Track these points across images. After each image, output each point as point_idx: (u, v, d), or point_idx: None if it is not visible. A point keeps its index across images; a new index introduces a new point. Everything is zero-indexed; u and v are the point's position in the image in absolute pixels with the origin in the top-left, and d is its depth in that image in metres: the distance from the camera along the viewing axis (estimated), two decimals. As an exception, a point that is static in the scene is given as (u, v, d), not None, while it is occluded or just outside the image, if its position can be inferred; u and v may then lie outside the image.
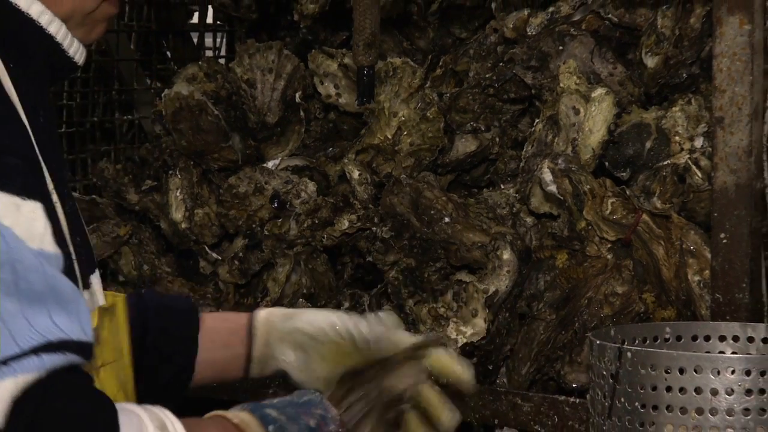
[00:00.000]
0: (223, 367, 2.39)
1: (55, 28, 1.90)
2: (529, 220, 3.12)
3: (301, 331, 2.38)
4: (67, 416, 1.75)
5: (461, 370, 2.30)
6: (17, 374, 1.67)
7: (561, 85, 3.13)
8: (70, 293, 1.75)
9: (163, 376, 2.38)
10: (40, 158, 1.86)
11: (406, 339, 2.33)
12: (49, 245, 1.81)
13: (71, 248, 1.88)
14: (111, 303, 2.11)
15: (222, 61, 4.13)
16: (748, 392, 2.38)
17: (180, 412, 2.15)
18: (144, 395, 2.36)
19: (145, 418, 1.86)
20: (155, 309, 2.38)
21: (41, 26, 1.88)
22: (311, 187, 3.30)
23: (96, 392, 1.83)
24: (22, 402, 1.68)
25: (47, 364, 1.69)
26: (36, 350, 1.69)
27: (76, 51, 1.94)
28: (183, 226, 3.34)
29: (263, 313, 2.38)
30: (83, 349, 1.74)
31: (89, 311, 1.79)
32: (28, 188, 1.78)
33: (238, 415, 2.02)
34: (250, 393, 3.01)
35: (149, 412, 1.88)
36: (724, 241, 2.72)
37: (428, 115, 3.27)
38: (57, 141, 2.03)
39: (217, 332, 2.38)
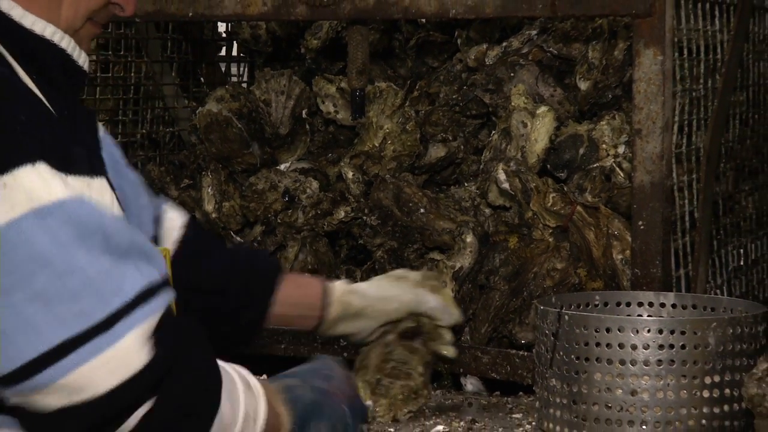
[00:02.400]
0: (297, 325, 2.38)
1: (66, 43, 1.85)
2: (487, 211, 3.11)
3: (372, 309, 2.40)
4: (187, 353, 1.70)
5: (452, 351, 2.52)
6: (137, 324, 1.62)
7: (512, 104, 3.12)
8: (148, 246, 1.71)
9: (237, 323, 2.35)
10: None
11: None
12: (117, 210, 1.79)
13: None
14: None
15: (244, 85, 4.11)
16: (661, 347, 2.37)
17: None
18: (217, 334, 2.32)
19: (233, 373, 1.79)
20: (245, 261, 2.35)
21: (54, 43, 1.83)
22: (315, 184, 3.29)
23: (199, 335, 1.75)
24: (156, 343, 1.64)
25: (155, 308, 1.65)
26: (138, 298, 1.64)
27: (83, 60, 1.89)
28: (213, 215, 3.32)
29: (335, 296, 2.38)
30: (165, 287, 1.70)
31: (162, 258, 1.75)
32: (95, 169, 1.75)
33: (259, 382, 1.93)
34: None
35: (233, 369, 1.81)
36: (642, 227, 2.72)
37: (407, 128, 3.26)
38: (96, 138, 1.97)
39: (297, 302, 2.36)
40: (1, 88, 1.67)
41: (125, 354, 1.60)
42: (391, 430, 2.51)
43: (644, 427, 2.37)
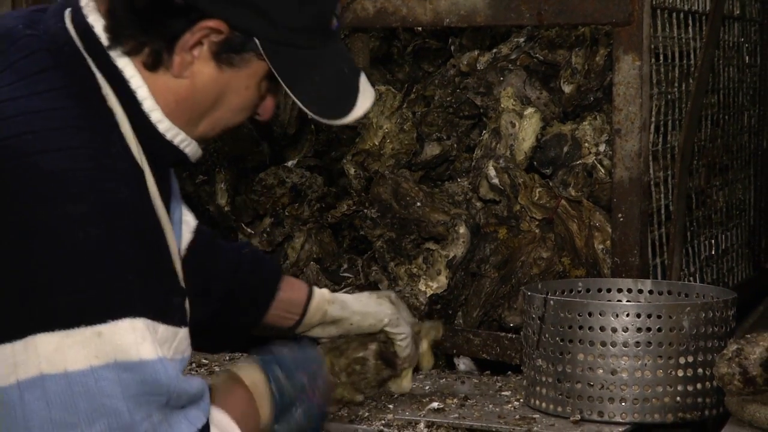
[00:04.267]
0: (276, 324, 2.33)
1: (191, 150, 1.75)
2: (478, 204, 3.10)
3: (348, 322, 2.34)
4: None
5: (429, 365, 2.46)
6: None
7: (502, 105, 3.11)
8: (199, 390, 1.65)
9: (236, 324, 2.30)
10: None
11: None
12: (188, 351, 1.70)
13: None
14: None
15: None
16: (639, 330, 2.37)
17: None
18: (216, 334, 2.29)
19: None
20: (250, 266, 2.27)
21: (182, 150, 1.74)
22: (320, 180, 3.28)
23: None
24: None
25: None
26: None
27: (195, 155, 1.79)
28: (226, 209, 3.31)
29: (316, 302, 2.31)
30: (205, 429, 1.65)
31: (207, 392, 1.68)
32: (184, 320, 1.66)
33: (250, 374, 1.90)
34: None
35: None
36: (621, 219, 2.71)
37: (405, 128, 3.25)
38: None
39: (282, 301, 2.31)
40: (128, 221, 1.55)
41: None
42: (390, 406, 2.50)
43: (623, 403, 2.37)
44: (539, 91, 3.20)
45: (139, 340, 1.54)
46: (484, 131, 3.19)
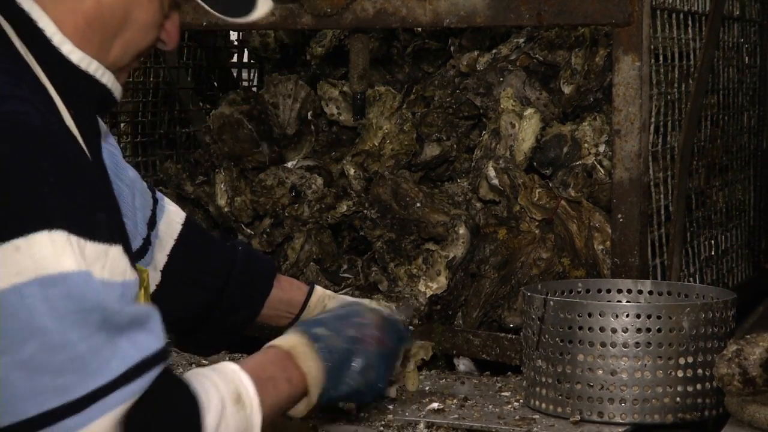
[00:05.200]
0: (272, 323, 2.31)
1: (107, 79, 1.78)
2: (478, 205, 3.10)
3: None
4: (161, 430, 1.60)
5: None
6: (110, 410, 1.52)
7: (501, 106, 3.11)
8: (144, 314, 1.60)
9: (229, 321, 2.28)
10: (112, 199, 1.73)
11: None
12: (131, 274, 1.67)
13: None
14: (142, 277, 1.95)
15: (254, 89, 4.11)
16: (638, 330, 2.37)
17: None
18: (209, 331, 2.28)
19: (224, 391, 1.69)
20: (243, 261, 2.25)
21: (96, 79, 1.76)
22: (319, 181, 3.28)
23: (179, 396, 1.63)
24: (128, 428, 1.53)
25: (132, 392, 1.54)
26: (120, 379, 1.53)
27: (117, 92, 1.82)
28: (226, 209, 3.31)
29: (316, 296, 2.29)
30: (161, 355, 1.60)
31: (159, 317, 1.63)
32: (114, 235, 1.63)
33: (288, 340, 1.88)
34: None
35: (226, 382, 1.71)
36: (621, 220, 2.71)
37: (405, 128, 3.25)
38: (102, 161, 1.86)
39: (281, 301, 2.29)
40: (39, 141, 1.55)
41: None
42: (390, 406, 2.50)
43: (623, 404, 2.37)
44: (539, 91, 3.20)
45: (59, 252, 1.51)
46: (483, 132, 3.19)
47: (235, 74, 4.26)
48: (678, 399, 2.37)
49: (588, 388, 2.38)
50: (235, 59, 4.25)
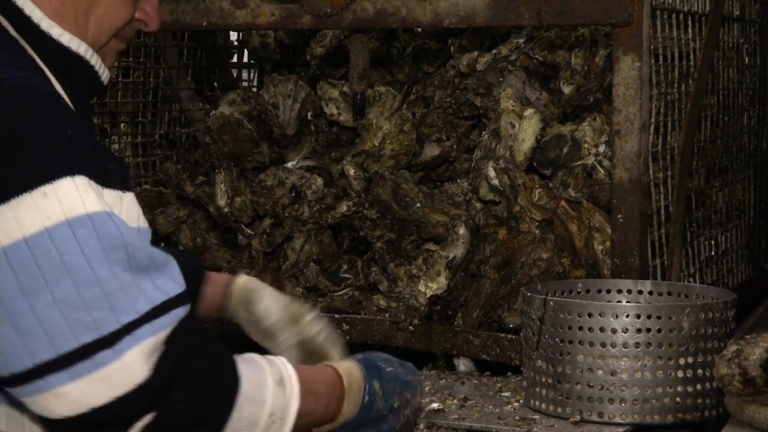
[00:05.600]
0: (204, 312, 2.30)
1: (90, 56, 1.85)
2: (478, 205, 3.10)
3: (257, 312, 2.25)
4: (191, 369, 1.67)
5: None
6: (140, 341, 1.59)
7: (501, 106, 3.11)
8: (163, 258, 1.68)
9: None
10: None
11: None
12: (143, 222, 1.77)
13: None
14: None
15: (254, 89, 4.10)
16: (638, 331, 2.37)
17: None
18: None
19: (267, 370, 1.76)
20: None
21: (80, 55, 1.83)
22: (319, 181, 3.27)
23: (213, 347, 1.72)
24: (158, 361, 1.60)
25: (159, 326, 1.61)
26: (148, 315, 1.61)
27: (104, 75, 1.89)
28: (226, 210, 3.31)
29: (239, 284, 2.25)
30: (181, 298, 1.67)
31: (177, 264, 1.71)
32: (125, 183, 1.73)
33: (350, 374, 1.93)
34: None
35: (271, 365, 1.78)
36: (621, 220, 2.71)
37: (405, 128, 3.25)
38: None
39: (210, 293, 2.29)
40: (48, 101, 1.66)
41: (124, 370, 1.58)
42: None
43: (623, 404, 2.37)
44: (539, 91, 3.20)
45: (83, 195, 1.61)
46: (483, 132, 3.19)
47: (235, 74, 4.26)
48: (678, 399, 2.37)
49: (588, 388, 2.38)
50: (235, 59, 4.26)
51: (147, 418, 1.63)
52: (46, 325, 1.57)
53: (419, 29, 3.51)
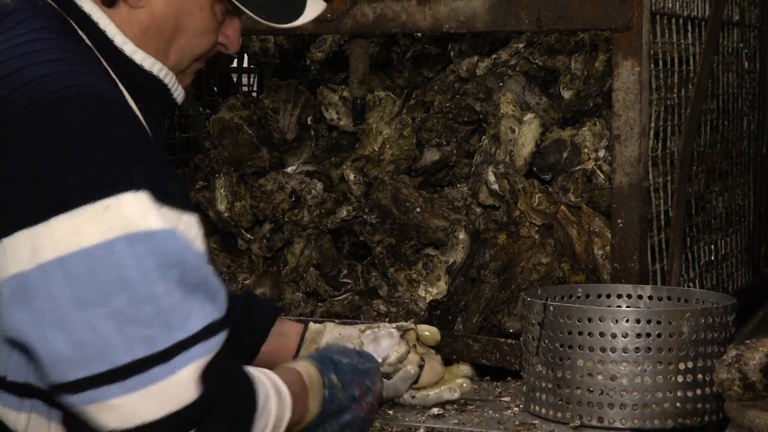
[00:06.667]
0: (274, 358, 2.36)
1: (169, 80, 1.85)
2: (478, 210, 3.10)
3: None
4: (228, 389, 1.70)
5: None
6: (195, 360, 1.61)
7: (501, 111, 3.12)
8: (215, 285, 1.69)
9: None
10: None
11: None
12: (200, 245, 1.75)
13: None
14: None
15: (254, 94, 4.11)
16: (638, 336, 2.36)
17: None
18: None
19: (267, 382, 1.80)
20: (241, 310, 2.33)
21: (159, 78, 1.84)
22: (319, 186, 3.28)
23: (237, 365, 1.76)
24: (205, 380, 1.62)
25: (212, 347, 1.63)
26: (198, 335, 1.62)
27: (179, 93, 1.89)
28: (226, 214, 3.31)
29: (312, 330, 2.36)
30: (227, 321, 1.68)
31: (226, 295, 1.72)
32: (186, 204, 1.73)
33: (308, 373, 1.96)
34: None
35: (267, 376, 1.82)
36: (621, 225, 2.71)
37: (404, 133, 3.25)
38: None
39: (282, 335, 2.35)
40: (116, 112, 1.66)
41: (178, 387, 1.59)
42: (390, 412, 2.50)
43: (623, 409, 2.37)
44: (539, 96, 3.20)
45: (145, 212, 1.61)
46: (483, 137, 3.19)
47: (235, 79, 4.26)
48: (678, 404, 2.37)
49: (588, 393, 2.37)
50: (235, 64, 4.26)
51: None
52: (101, 336, 1.57)
53: (419, 34, 3.51)
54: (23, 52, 1.69)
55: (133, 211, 1.60)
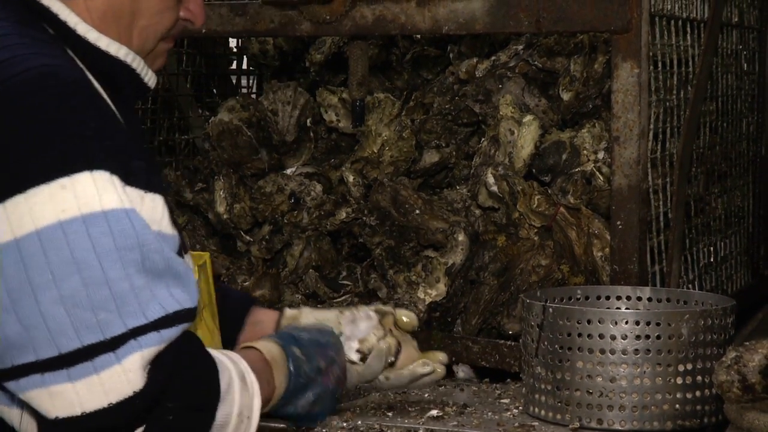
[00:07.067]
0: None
1: (137, 64, 1.84)
2: (477, 212, 3.10)
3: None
4: (183, 378, 1.66)
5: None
6: (143, 348, 1.57)
7: (500, 113, 3.12)
8: (182, 269, 1.65)
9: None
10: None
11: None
12: (167, 228, 1.72)
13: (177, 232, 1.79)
14: (203, 261, 2.03)
15: (253, 96, 4.11)
16: (638, 337, 2.36)
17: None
18: None
19: (233, 369, 1.76)
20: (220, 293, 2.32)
21: (126, 63, 1.82)
22: (318, 187, 3.28)
23: (201, 352, 1.72)
24: (154, 370, 1.58)
25: (165, 337, 1.59)
26: (157, 323, 1.58)
27: (149, 77, 1.88)
28: (225, 216, 3.31)
29: (287, 316, 2.31)
30: (191, 314, 1.64)
31: (195, 281, 1.69)
32: (151, 184, 1.69)
33: (269, 350, 1.92)
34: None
35: (233, 363, 1.78)
36: (620, 227, 2.71)
37: (404, 135, 3.25)
38: (147, 147, 1.96)
39: (258, 324, 2.31)
40: (76, 91, 1.63)
41: (122, 376, 1.55)
42: (390, 413, 2.50)
43: (623, 411, 2.37)
44: (538, 98, 3.21)
45: (102, 191, 1.57)
46: (482, 139, 3.19)
47: (234, 81, 4.26)
48: (677, 406, 2.37)
49: (587, 395, 2.37)
50: (234, 66, 4.26)
51: (139, 430, 1.61)
52: (50, 321, 1.54)
53: (418, 36, 3.51)
54: None
55: (88, 191, 1.56)
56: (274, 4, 2.96)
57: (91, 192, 1.57)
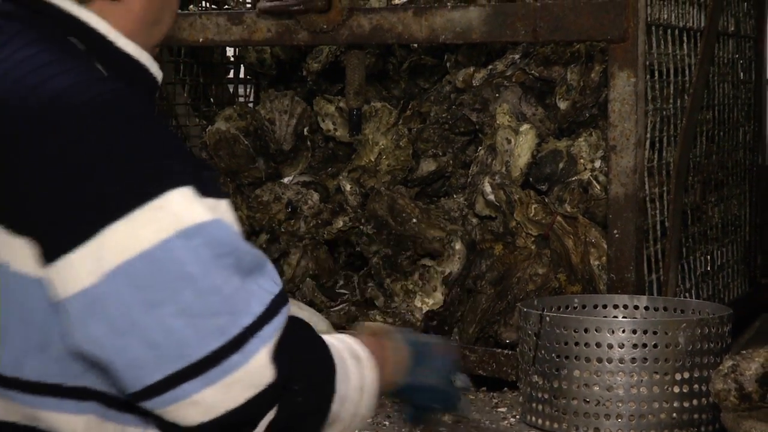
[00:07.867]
0: None
1: (155, 70, 1.86)
2: (474, 220, 3.10)
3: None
4: (303, 359, 1.71)
5: None
6: (265, 341, 1.61)
7: (497, 122, 3.12)
8: (262, 259, 1.70)
9: None
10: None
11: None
12: (238, 228, 1.77)
13: None
14: None
15: (250, 105, 4.11)
16: (635, 346, 2.37)
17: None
18: None
19: (342, 347, 1.80)
20: None
21: (147, 68, 1.84)
22: (315, 196, 3.28)
23: (309, 333, 1.77)
24: (279, 359, 1.63)
25: (278, 325, 1.64)
26: (264, 316, 1.63)
27: (157, 72, 1.91)
28: (222, 225, 3.31)
29: None
30: (284, 295, 1.69)
31: (270, 263, 1.74)
32: (220, 191, 1.74)
33: (377, 328, 1.96)
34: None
35: (341, 342, 1.82)
36: (617, 235, 2.71)
37: (401, 144, 3.26)
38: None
39: None
40: (144, 112, 1.67)
41: (256, 371, 1.61)
42: (386, 423, 2.50)
43: (620, 420, 2.37)
44: (535, 107, 3.21)
45: (192, 205, 1.63)
46: (479, 147, 3.20)
47: (231, 90, 4.26)
48: (674, 414, 2.37)
49: (584, 404, 2.38)
50: (231, 75, 4.26)
51: (271, 414, 1.66)
52: (174, 334, 1.58)
53: (415, 45, 3.52)
54: (35, 66, 1.70)
55: (181, 208, 1.61)
56: (272, 13, 2.96)
57: (182, 208, 1.62)
